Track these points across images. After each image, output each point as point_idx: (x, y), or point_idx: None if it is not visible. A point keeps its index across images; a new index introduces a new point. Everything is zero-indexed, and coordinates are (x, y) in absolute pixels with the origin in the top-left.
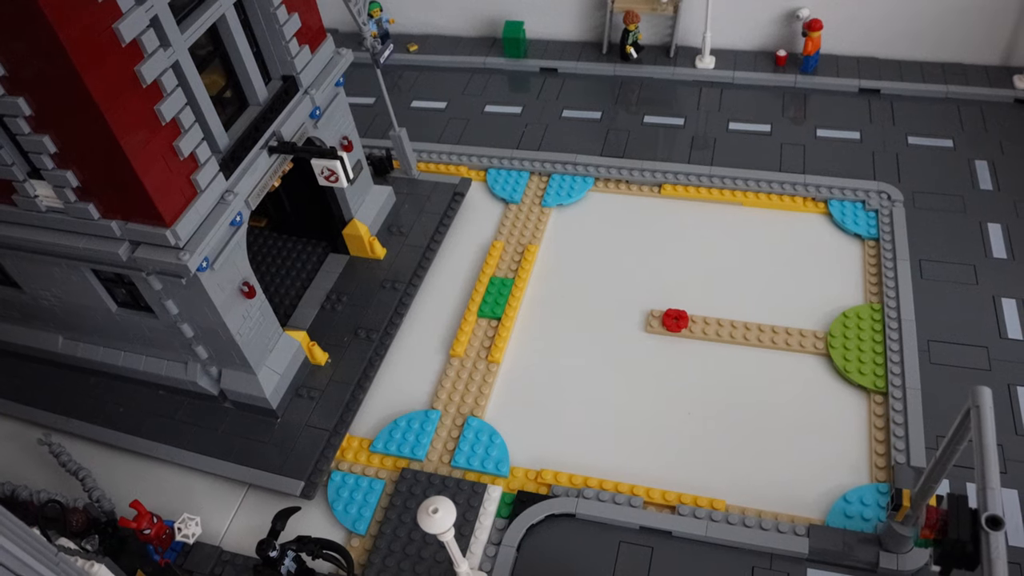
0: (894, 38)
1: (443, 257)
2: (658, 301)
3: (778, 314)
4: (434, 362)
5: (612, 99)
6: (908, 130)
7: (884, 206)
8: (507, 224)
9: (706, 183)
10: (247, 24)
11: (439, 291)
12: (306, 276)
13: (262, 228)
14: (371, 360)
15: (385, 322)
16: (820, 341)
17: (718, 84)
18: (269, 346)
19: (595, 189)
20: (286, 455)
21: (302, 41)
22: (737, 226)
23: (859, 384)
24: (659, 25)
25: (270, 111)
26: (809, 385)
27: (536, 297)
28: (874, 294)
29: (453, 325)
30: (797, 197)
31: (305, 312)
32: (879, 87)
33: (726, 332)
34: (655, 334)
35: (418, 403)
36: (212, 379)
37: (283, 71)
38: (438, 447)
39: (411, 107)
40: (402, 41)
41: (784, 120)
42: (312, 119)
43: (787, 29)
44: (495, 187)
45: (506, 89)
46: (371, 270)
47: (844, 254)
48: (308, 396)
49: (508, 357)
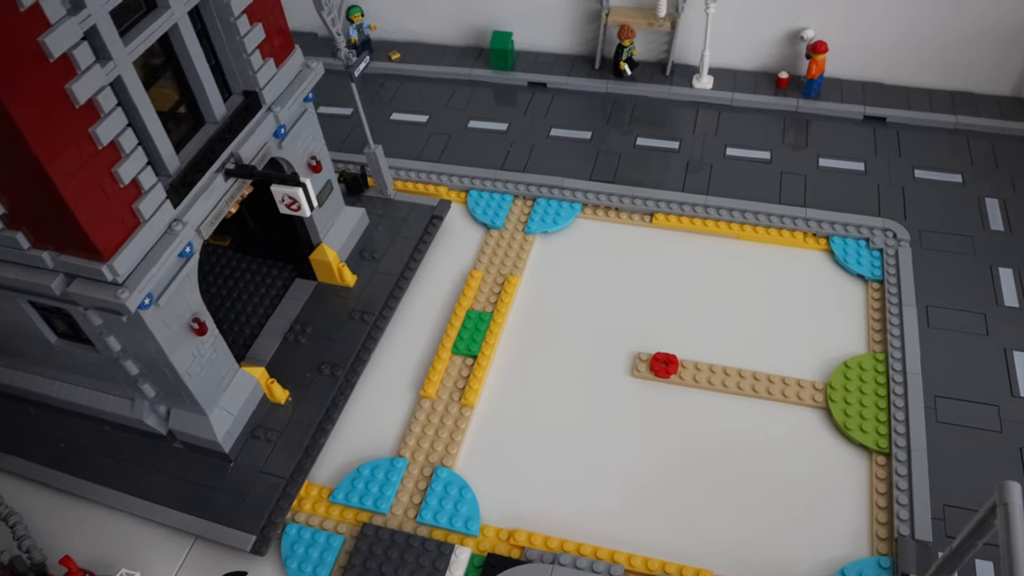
0: (901, 63)
1: (417, 286)
2: (646, 343)
3: (775, 361)
4: (403, 403)
5: (604, 118)
6: (915, 162)
7: (889, 245)
8: (487, 252)
9: (700, 213)
10: (204, 34)
11: (412, 324)
12: (269, 303)
13: (225, 248)
14: (335, 399)
15: (352, 357)
16: (819, 393)
17: (716, 106)
18: (223, 384)
19: (583, 216)
20: (238, 504)
21: (266, 54)
22: (732, 262)
23: (860, 443)
24: (655, 41)
25: (228, 130)
26: (806, 442)
27: (515, 334)
28: (877, 342)
29: (425, 362)
30: (797, 232)
31: (266, 344)
32: (885, 115)
33: (718, 380)
34: (642, 379)
35: (384, 449)
36: (160, 418)
37: (244, 86)
38: (403, 499)
39: (390, 120)
40: (384, 48)
41: (784, 147)
42: (276, 138)
43: (790, 50)
44: (476, 210)
45: (492, 104)
46: (340, 299)
47: (846, 297)
48: (265, 438)
49: (483, 400)
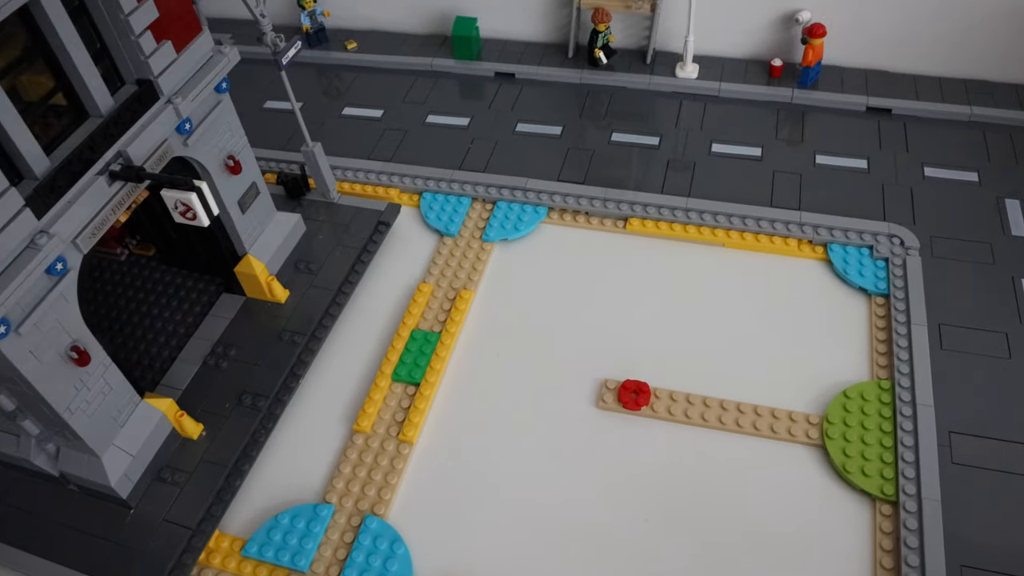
0: (908, 49)
1: (358, 302)
2: (615, 368)
3: (763, 390)
4: (333, 439)
5: (577, 111)
6: (925, 159)
7: (896, 254)
8: (439, 262)
9: (681, 218)
10: (83, 11)
11: (348, 346)
12: (192, 321)
13: (149, 258)
14: (255, 435)
15: (277, 385)
16: (814, 428)
17: (701, 97)
18: (119, 419)
19: (548, 221)
20: (134, 560)
21: (161, 35)
22: (717, 273)
23: (862, 488)
24: (634, 26)
25: (115, 124)
26: (799, 486)
27: (466, 358)
28: (882, 367)
29: (361, 391)
30: (791, 239)
31: (183, 369)
32: (890, 106)
33: (696, 413)
34: (609, 411)
35: (308, 493)
36: (50, 457)
37: (138, 74)
38: (326, 554)
39: (342, 115)
40: (339, 37)
41: (778, 143)
42: (180, 134)
43: (784, 35)
44: (429, 215)
45: (454, 96)
46: (269, 316)
47: (846, 314)
48: (172, 481)
49: (424, 436)
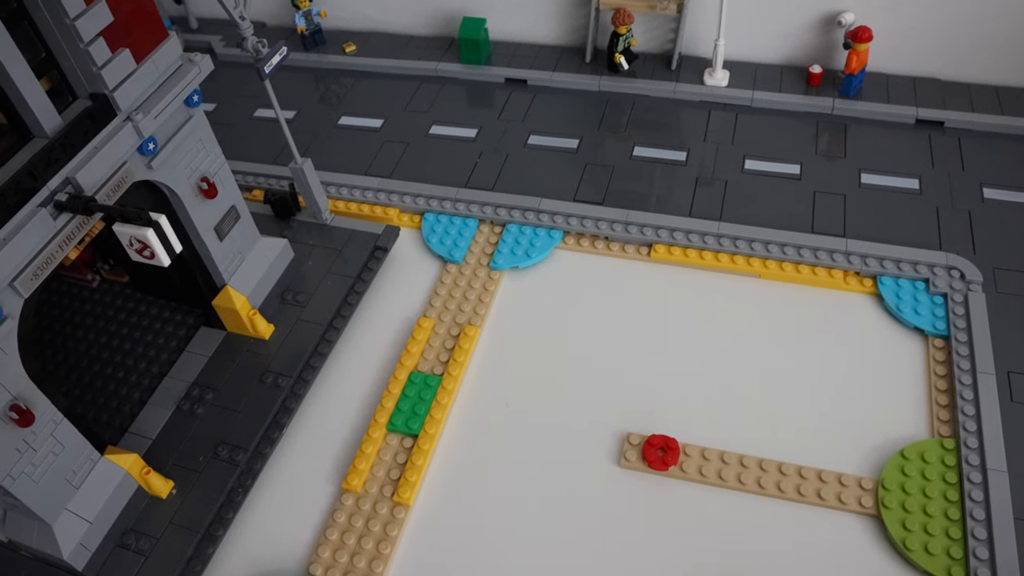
0: (962, 54)
1: (350, 340)
2: (639, 421)
3: (808, 448)
4: (320, 499)
5: (595, 122)
6: (983, 179)
7: (956, 289)
8: (442, 294)
9: (712, 245)
10: (23, 15)
11: (339, 390)
12: (166, 359)
13: (123, 285)
14: (232, 494)
15: (258, 436)
16: (868, 495)
17: (732, 107)
18: (74, 481)
19: (563, 247)
20: None
21: (117, 43)
22: (753, 309)
23: (924, 569)
24: (659, 29)
25: (62, 147)
26: (850, 561)
27: (470, 406)
28: (944, 422)
29: (352, 443)
30: (836, 270)
31: (154, 414)
32: (943, 118)
33: (732, 474)
34: (632, 470)
35: (290, 562)
36: None
37: (91, 87)
38: None
39: (338, 125)
40: (338, 39)
41: (818, 159)
42: (143, 155)
43: (824, 39)
44: (431, 239)
45: (460, 105)
46: (252, 355)
47: (901, 358)
48: (135, 548)
49: (423, 497)
